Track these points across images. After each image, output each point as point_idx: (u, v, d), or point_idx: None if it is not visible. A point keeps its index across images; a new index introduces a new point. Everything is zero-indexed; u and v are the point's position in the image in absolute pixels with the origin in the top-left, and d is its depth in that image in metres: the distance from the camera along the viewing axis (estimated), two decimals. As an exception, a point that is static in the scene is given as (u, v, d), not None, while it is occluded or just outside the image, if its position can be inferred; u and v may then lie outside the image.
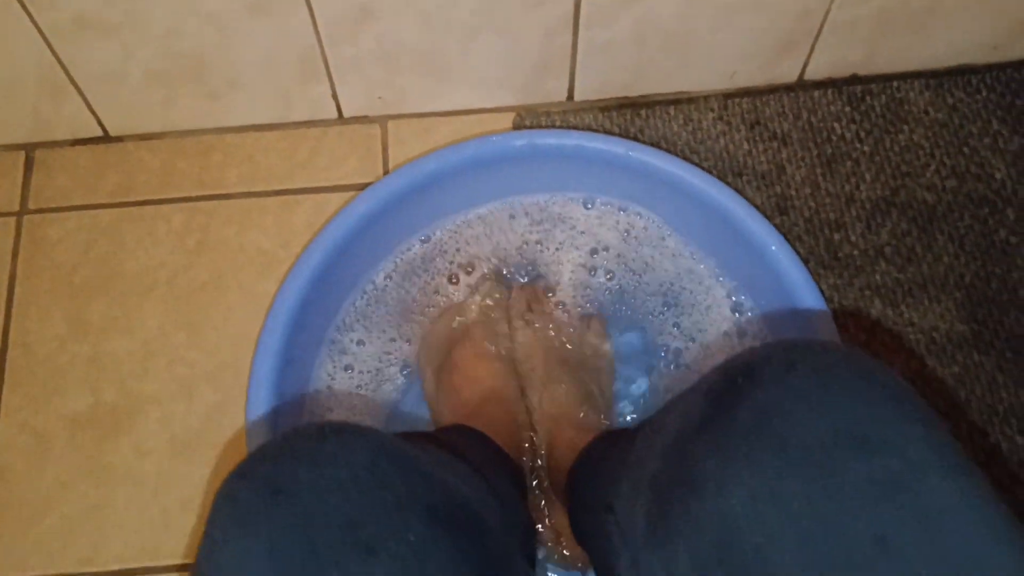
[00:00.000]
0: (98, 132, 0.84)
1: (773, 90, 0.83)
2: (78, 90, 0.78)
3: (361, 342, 0.75)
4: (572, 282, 0.77)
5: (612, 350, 0.73)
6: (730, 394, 0.34)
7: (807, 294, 0.68)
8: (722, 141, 0.80)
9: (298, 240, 0.80)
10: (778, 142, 0.80)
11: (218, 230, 0.80)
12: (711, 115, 0.81)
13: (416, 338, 0.75)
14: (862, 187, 0.79)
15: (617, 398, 0.73)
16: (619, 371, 0.74)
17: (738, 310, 0.74)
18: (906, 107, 0.82)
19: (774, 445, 0.31)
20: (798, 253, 0.70)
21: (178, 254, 0.79)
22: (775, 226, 0.72)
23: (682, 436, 0.35)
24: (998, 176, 0.80)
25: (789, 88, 0.83)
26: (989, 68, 0.84)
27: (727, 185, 0.73)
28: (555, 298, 0.76)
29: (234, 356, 0.75)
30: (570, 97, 0.84)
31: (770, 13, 0.76)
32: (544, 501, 0.67)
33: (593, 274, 0.77)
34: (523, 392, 0.70)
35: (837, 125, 0.81)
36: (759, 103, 0.82)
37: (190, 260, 0.79)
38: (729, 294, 0.75)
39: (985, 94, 0.83)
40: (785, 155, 0.80)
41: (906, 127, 0.81)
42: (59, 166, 0.83)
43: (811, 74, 0.83)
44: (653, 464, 0.36)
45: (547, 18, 0.74)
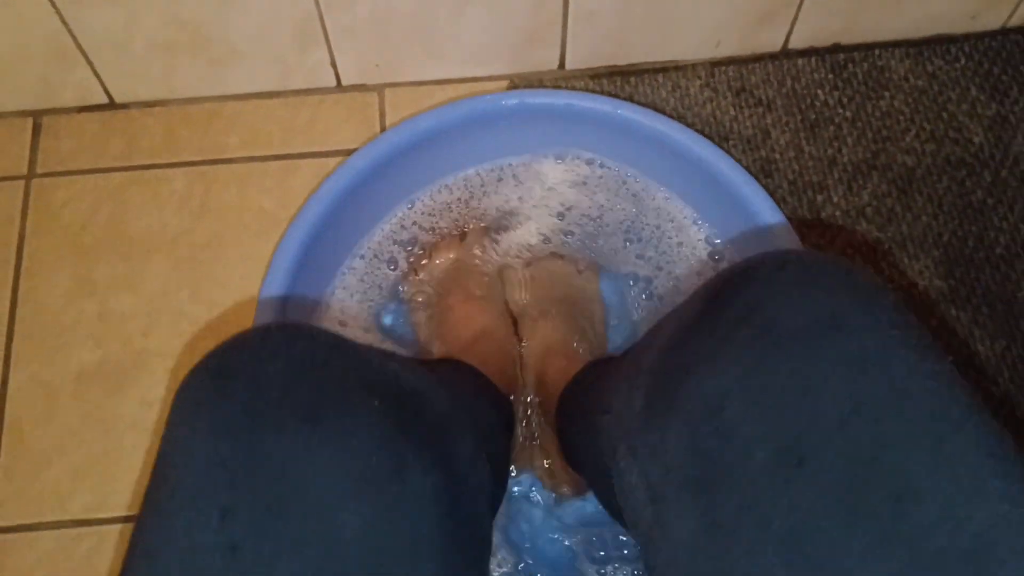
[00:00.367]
0: (104, 99, 0.86)
1: (758, 58, 0.85)
2: (85, 57, 0.81)
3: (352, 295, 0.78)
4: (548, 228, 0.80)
5: (601, 291, 0.76)
6: (725, 292, 0.37)
7: (767, 213, 0.72)
8: (709, 107, 0.82)
9: (297, 203, 0.81)
10: (763, 108, 0.83)
11: (220, 193, 0.83)
12: (698, 82, 0.83)
13: (411, 289, 0.78)
14: (844, 151, 0.81)
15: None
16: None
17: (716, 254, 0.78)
18: (887, 74, 0.85)
19: (762, 330, 0.34)
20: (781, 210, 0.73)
21: (181, 215, 0.82)
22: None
23: (679, 331, 0.38)
24: (976, 140, 0.82)
25: (774, 56, 0.86)
26: (967, 37, 0.87)
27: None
28: (533, 240, 0.79)
29: (236, 312, 0.78)
30: (561, 65, 0.86)
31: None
32: (538, 433, 0.70)
33: (563, 219, 0.80)
34: (515, 329, 0.72)
35: (820, 92, 0.84)
36: (744, 71, 0.84)
37: (193, 221, 0.82)
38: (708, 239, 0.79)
39: (963, 62, 0.86)
40: (770, 120, 0.82)
41: (887, 93, 0.84)
42: (66, 132, 0.86)
43: (794, 43, 0.86)
44: (651, 358, 0.39)
45: (538, -15, 0.77)
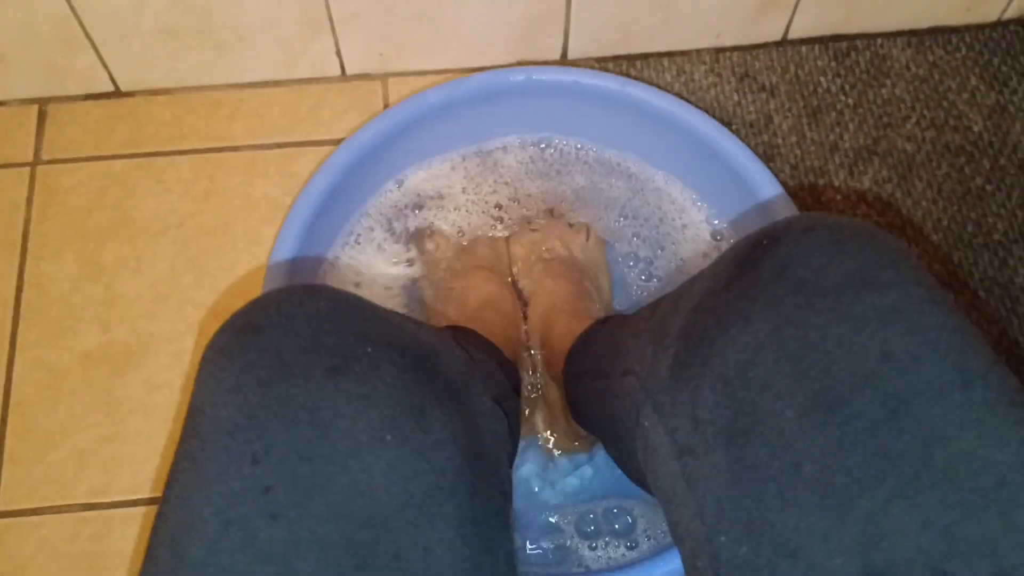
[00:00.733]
0: (109, 87, 0.87)
1: (762, 45, 0.86)
2: (91, 43, 0.81)
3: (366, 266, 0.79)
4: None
5: (606, 256, 0.77)
6: (755, 254, 0.38)
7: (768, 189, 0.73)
8: (712, 92, 0.83)
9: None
10: (766, 94, 0.83)
11: (225, 179, 0.83)
12: (703, 67, 0.84)
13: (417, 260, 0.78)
14: (846, 137, 0.82)
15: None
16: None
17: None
18: (888, 63, 0.86)
19: (793, 287, 0.35)
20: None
21: (187, 201, 0.82)
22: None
23: (711, 293, 0.39)
24: (975, 128, 0.83)
25: (777, 44, 0.86)
26: (968, 28, 0.88)
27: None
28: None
29: (241, 296, 0.78)
30: (564, 56, 0.87)
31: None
32: (541, 387, 0.71)
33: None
34: (520, 294, 0.73)
35: (823, 79, 0.84)
36: (748, 57, 0.85)
37: (198, 207, 0.82)
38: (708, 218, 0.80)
39: (964, 52, 0.87)
40: (773, 106, 0.83)
41: (888, 81, 0.85)
42: (71, 119, 0.86)
43: (794, 33, 0.87)
44: (681, 320, 0.40)
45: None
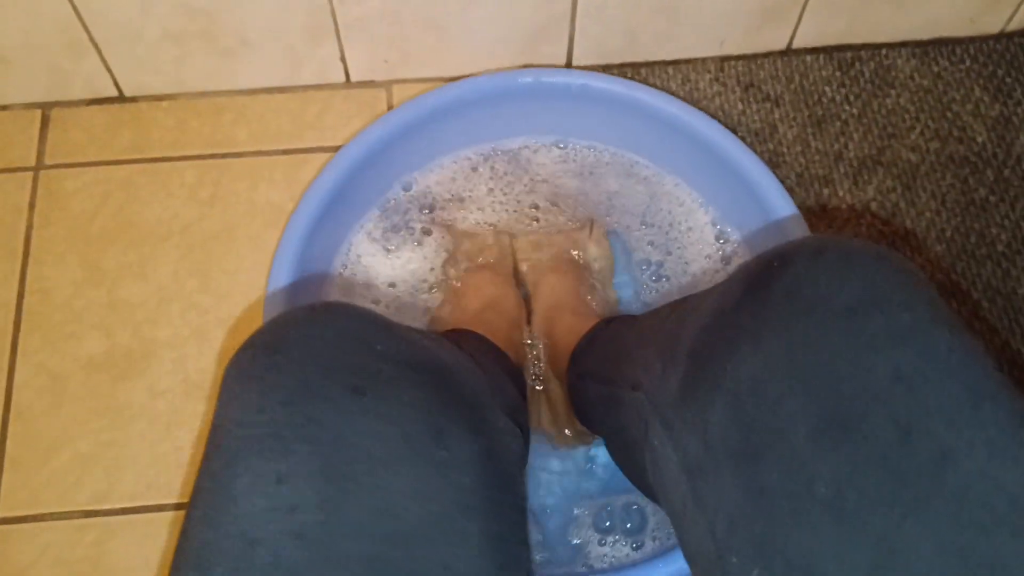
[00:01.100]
0: (113, 92, 0.86)
1: (766, 54, 0.86)
2: (96, 47, 0.81)
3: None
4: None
5: (611, 253, 0.77)
6: (766, 274, 0.38)
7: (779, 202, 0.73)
8: (717, 101, 0.83)
9: (307, 195, 0.82)
10: (771, 103, 0.84)
11: (229, 185, 0.83)
12: (708, 76, 0.84)
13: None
14: (850, 146, 0.82)
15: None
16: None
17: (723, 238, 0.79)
18: (893, 73, 0.86)
19: (804, 309, 0.35)
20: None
21: (191, 206, 0.82)
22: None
23: (721, 313, 0.39)
24: (979, 140, 0.83)
25: (782, 53, 0.86)
26: (972, 40, 0.88)
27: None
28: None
29: (245, 302, 0.78)
30: (568, 63, 0.87)
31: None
32: (543, 379, 0.71)
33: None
34: (524, 291, 0.74)
35: (827, 88, 0.84)
36: (753, 66, 0.85)
37: (202, 212, 0.82)
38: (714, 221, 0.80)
39: (968, 64, 0.87)
40: (777, 115, 0.83)
41: (893, 92, 0.85)
42: (74, 124, 0.86)
43: (799, 42, 0.87)
44: (690, 338, 0.40)
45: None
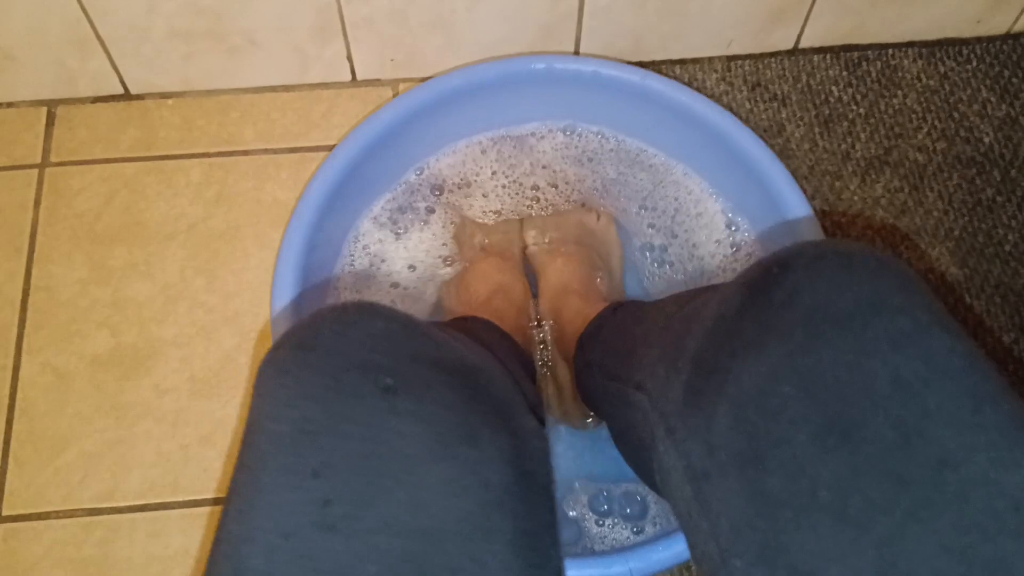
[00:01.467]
0: (119, 90, 0.86)
1: (774, 54, 0.86)
2: (103, 45, 0.81)
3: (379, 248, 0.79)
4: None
5: (620, 240, 0.77)
6: (766, 281, 0.39)
7: (793, 199, 0.72)
8: (724, 100, 0.83)
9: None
10: (778, 103, 0.84)
11: (236, 183, 0.83)
12: (715, 75, 0.84)
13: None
14: (857, 146, 0.82)
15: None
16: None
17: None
18: (900, 73, 0.86)
19: (804, 315, 0.36)
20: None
21: (197, 205, 0.82)
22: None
23: (723, 319, 0.40)
24: (986, 140, 0.83)
25: (789, 53, 0.86)
26: (978, 40, 0.88)
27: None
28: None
29: (252, 300, 0.78)
30: (577, 62, 0.87)
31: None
32: (550, 361, 0.71)
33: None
34: (530, 270, 0.75)
35: (835, 88, 0.84)
36: (760, 65, 0.85)
37: (209, 210, 0.82)
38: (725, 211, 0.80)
39: (975, 64, 0.87)
40: (785, 115, 0.83)
41: (900, 92, 0.85)
42: (80, 122, 0.86)
43: (806, 42, 0.87)
44: (694, 345, 0.40)
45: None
